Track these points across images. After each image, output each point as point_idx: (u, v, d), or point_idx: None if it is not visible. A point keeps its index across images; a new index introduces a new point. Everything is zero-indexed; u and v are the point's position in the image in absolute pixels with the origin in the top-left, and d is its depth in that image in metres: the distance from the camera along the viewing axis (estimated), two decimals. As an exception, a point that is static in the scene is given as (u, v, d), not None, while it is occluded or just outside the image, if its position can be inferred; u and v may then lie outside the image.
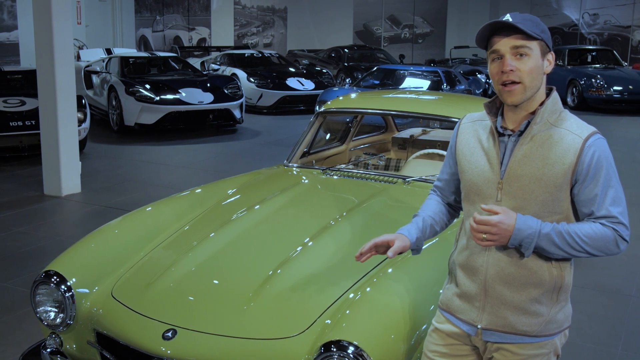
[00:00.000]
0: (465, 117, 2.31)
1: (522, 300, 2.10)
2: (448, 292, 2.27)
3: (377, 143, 5.72)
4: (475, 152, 2.17)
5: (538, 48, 2.04)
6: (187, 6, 25.18)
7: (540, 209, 2.05)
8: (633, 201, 7.25)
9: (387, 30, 27.19)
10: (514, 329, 2.11)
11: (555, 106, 2.10)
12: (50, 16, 7.05)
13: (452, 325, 2.24)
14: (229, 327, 2.58)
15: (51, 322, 2.91)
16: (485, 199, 2.12)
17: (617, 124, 13.54)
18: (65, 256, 3.12)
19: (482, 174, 2.13)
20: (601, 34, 23.33)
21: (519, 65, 2.01)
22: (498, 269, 2.11)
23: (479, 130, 2.20)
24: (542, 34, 2.04)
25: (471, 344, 2.23)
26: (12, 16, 18.23)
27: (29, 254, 5.54)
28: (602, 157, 2.03)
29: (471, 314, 2.17)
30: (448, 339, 2.25)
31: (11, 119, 8.86)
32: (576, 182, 2.04)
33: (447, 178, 2.37)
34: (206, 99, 11.43)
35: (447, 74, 13.00)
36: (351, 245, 3.11)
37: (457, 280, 2.22)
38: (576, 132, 2.04)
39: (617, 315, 4.51)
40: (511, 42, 2.02)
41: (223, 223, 3.39)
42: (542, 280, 2.09)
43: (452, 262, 2.28)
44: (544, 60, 2.06)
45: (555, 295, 2.12)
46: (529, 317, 2.11)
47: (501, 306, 2.12)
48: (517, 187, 2.06)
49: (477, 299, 2.16)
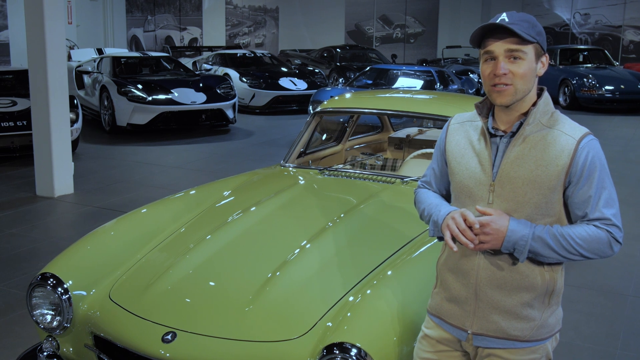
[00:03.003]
0: (454, 118, 2.27)
1: (513, 305, 2.06)
2: (437, 296, 2.23)
3: (373, 143, 5.70)
4: (466, 153, 2.14)
5: (533, 51, 2.00)
6: (179, 6, 25.11)
7: (533, 211, 2.02)
8: (628, 201, 7.26)
9: (379, 30, 27.20)
10: (506, 333, 2.08)
11: (547, 107, 2.07)
12: (42, 16, 7.00)
13: (442, 331, 2.20)
14: (229, 329, 2.55)
15: (48, 325, 2.87)
16: (476, 201, 2.08)
17: (609, 124, 13.57)
18: (62, 258, 3.09)
19: (473, 176, 2.09)
20: (592, 33, 23.41)
21: (512, 68, 1.98)
22: (489, 272, 2.07)
23: (470, 131, 2.17)
24: (537, 37, 2.00)
25: (462, 349, 2.20)
26: (3, 16, 18.12)
27: (22, 256, 5.49)
28: (595, 158, 2.01)
29: (461, 319, 2.14)
30: (438, 345, 2.22)
31: (2, 120, 8.79)
32: (569, 184, 2.01)
33: (438, 175, 2.31)
34: (199, 99, 11.39)
35: (440, 73, 13.00)
36: (350, 247, 3.10)
37: (447, 284, 2.18)
38: (569, 134, 2.02)
39: (615, 315, 4.51)
40: (506, 45, 1.98)
41: (220, 225, 3.35)
42: (534, 284, 2.05)
43: (440, 266, 2.23)
44: (537, 62, 2.03)
45: (547, 299, 2.09)
46: (521, 322, 2.07)
47: (492, 310, 2.08)
48: (509, 189, 2.03)
49: (467, 303, 2.12)
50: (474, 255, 2.09)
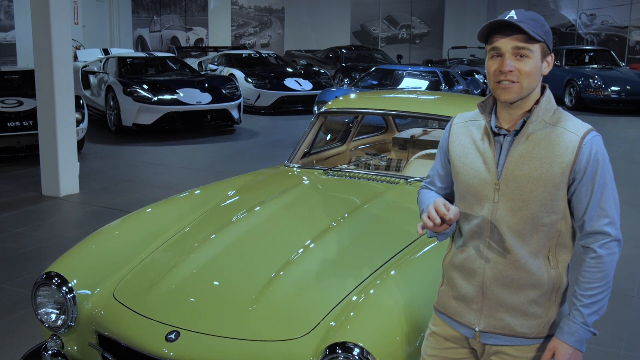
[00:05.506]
0: (456, 117, 2.28)
1: (520, 302, 2.07)
2: (444, 294, 2.24)
3: (378, 143, 5.70)
4: (470, 153, 2.14)
5: (539, 50, 2.01)
6: (185, 6, 25.14)
7: (539, 209, 2.02)
8: (633, 202, 7.23)
9: (384, 31, 27.19)
10: (513, 331, 2.09)
11: (549, 104, 2.08)
12: (49, 16, 7.02)
13: (449, 328, 2.21)
14: (232, 328, 2.56)
15: (52, 324, 2.88)
16: (482, 201, 2.09)
17: (615, 125, 13.55)
18: (66, 257, 3.10)
19: (477, 175, 2.10)
20: (598, 34, 23.35)
21: (518, 66, 1.99)
22: (496, 270, 2.08)
23: (473, 131, 2.17)
24: (544, 36, 2.01)
25: (469, 346, 2.20)
26: (9, 16, 18.18)
27: (28, 255, 5.51)
28: (598, 154, 2.01)
29: (469, 317, 2.15)
30: (445, 342, 2.23)
31: (9, 120, 8.83)
32: (574, 181, 2.02)
33: (441, 175, 2.32)
34: (204, 99, 11.42)
35: (445, 74, 12.99)
36: (354, 247, 3.10)
37: (453, 283, 2.19)
38: (573, 130, 2.02)
39: (620, 316, 4.50)
40: (513, 42, 1.99)
41: (224, 224, 3.36)
42: (541, 281, 2.06)
43: (447, 264, 2.24)
44: (543, 62, 2.04)
45: (553, 296, 2.09)
46: (528, 319, 2.08)
47: (499, 308, 2.09)
48: (514, 187, 2.03)
49: (474, 302, 2.13)
50: (480, 254, 2.11)
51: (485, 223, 2.09)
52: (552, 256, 2.07)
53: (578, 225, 2.08)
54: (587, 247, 2.05)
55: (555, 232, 2.06)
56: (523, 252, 2.05)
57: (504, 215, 2.06)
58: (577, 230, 2.10)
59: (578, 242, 2.11)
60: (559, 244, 2.08)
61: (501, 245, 2.07)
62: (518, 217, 2.04)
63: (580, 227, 2.06)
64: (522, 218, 2.04)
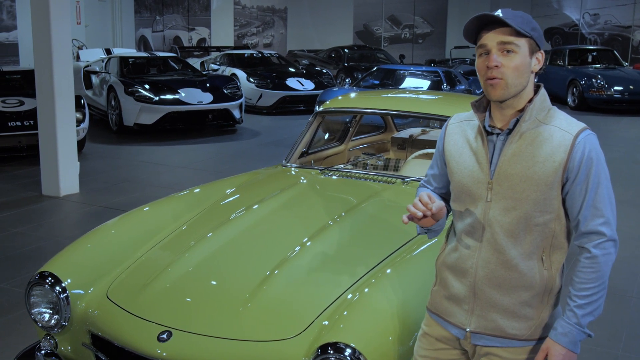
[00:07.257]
0: (452, 118, 2.28)
1: (511, 303, 2.06)
2: (436, 294, 2.23)
3: (376, 143, 5.69)
4: (464, 152, 2.13)
5: (526, 46, 2.00)
6: (187, 6, 25.14)
7: (532, 208, 2.01)
8: (634, 202, 7.20)
9: (387, 31, 27.17)
10: (504, 332, 2.07)
11: (544, 103, 2.06)
12: (49, 16, 7.03)
13: (440, 329, 2.20)
14: (225, 328, 2.55)
15: (46, 323, 2.87)
16: (475, 200, 2.08)
17: (618, 125, 13.51)
18: (61, 257, 3.09)
19: (471, 175, 2.09)
20: (602, 34, 23.31)
21: (504, 61, 1.98)
22: (488, 271, 2.07)
23: (467, 130, 2.16)
24: (531, 32, 2.00)
25: (460, 347, 2.19)
26: (12, 16, 18.20)
27: (27, 255, 5.51)
28: (592, 152, 1.99)
29: (460, 317, 2.14)
30: (437, 343, 2.22)
31: (10, 119, 8.84)
32: (567, 180, 2.00)
33: (438, 175, 2.31)
34: (206, 99, 11.42)
35: (447, 74, 12.97)
36: (350, 245, 3.10)
37: (446, 283, 2.18)
38: (566, 129, 2.01)
39: (618, 317, 4.48)
40: (498, 37, 1.98)
41: (221, 223, 3.36)
42: (533, 282, 2.05)
43: (440, 264, 2.23)
44: (532, 58, 2.02)
45: (545, 298, 2.07)
46: (519, 321, 2.07)
47: (490, 309, 2.08)
48: (507, 186, 2.02)
49: (465, 302, 2.12)
50: (472, 253, 2.09)
51: (478, 222, 2.08)
52: (546, 257, 2.05)
53: (573, 225, 2.06)
54: (581, 247, 2.03)
55: (549, 233, 2.04)
56: (515, 253, 2.04)
57: (496, 214, 2.04)
58: (573, 231, 2.09)
59: (573, 242, 2.10)
60: (553, 245, 2.06)
61: (493, 245, 2.06)
62: (511, 216, 2.03)
63: (575, 227, 2.05)
64: (515, 217, 2.02)
